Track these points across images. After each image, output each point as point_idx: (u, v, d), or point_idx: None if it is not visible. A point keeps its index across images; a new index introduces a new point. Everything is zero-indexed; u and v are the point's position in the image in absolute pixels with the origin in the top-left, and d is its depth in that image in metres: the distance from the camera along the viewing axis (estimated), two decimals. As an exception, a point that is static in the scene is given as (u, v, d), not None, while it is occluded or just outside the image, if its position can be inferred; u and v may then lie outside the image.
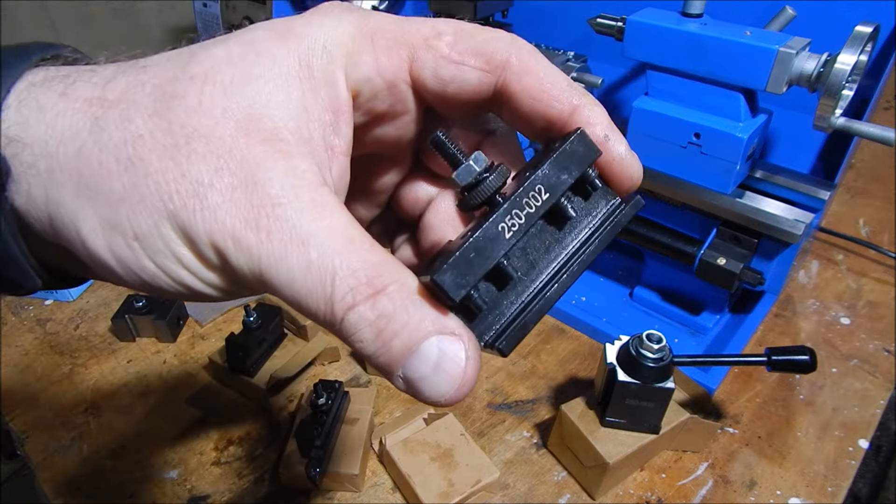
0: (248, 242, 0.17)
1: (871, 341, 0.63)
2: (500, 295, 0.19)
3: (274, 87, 0.18)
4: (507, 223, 0.18)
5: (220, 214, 0.17)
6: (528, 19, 0.77)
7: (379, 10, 0.78)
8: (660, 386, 0.45)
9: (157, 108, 0.17)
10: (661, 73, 0.54)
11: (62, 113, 0.17)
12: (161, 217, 0.17)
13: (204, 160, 0.17)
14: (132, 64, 0.18)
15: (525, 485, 0.50)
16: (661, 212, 0.61)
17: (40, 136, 0.17)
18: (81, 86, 0.18)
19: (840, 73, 0.45)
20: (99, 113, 0.17)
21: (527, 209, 0.19)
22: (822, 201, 0.54)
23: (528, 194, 0.19)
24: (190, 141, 0.17)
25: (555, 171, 0.19)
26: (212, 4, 0.88)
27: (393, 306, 0.16)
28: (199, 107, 0.17)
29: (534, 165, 0.19)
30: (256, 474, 0.51)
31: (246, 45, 0.18)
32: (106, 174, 0.17)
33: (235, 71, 0.18)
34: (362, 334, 0.17)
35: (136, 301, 0.63)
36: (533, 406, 0.57)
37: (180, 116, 0.17)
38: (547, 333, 0.65)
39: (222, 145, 0.17)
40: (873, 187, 0.87)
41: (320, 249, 0.16)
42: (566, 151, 0.19)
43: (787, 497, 0.49)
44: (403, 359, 0.17)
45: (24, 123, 0.17)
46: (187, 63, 0.18)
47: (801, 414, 0.56)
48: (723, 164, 0.53)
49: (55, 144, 0.17)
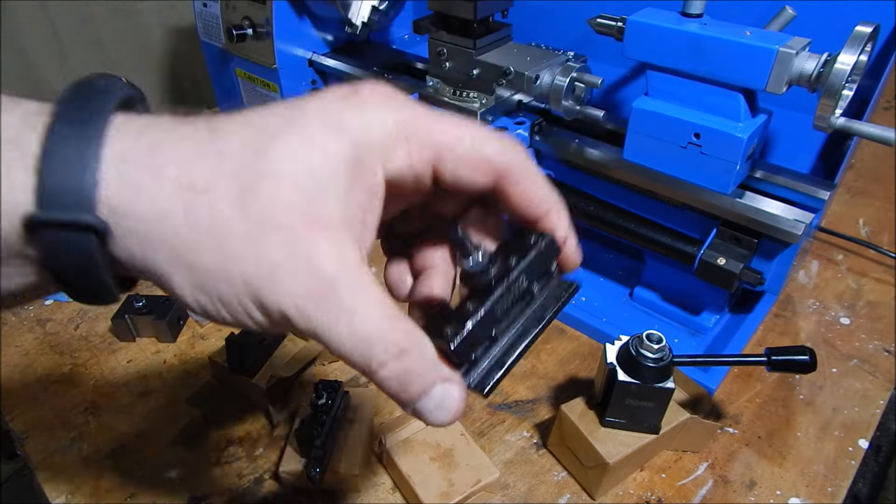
0: (309, 312, 0.21)
1: (871, 341, 0.63)
2: (483, 350, 0.26)
3: (328, 181, 0.22)
4: (499, 306, 0.25)
5: (288, 291, 0.21)
6: (528, 19, 0.77)
7: (379, 10, 0.78)
8: (660, 386, 0.45)
9: (240, 199, 0.21)
10: (661, 73, 0.54)
11: (157, 196, 0.21)
12: (241, 290, 0.22)
13: (276, 249, 0.21)
14: (208, 142, 0.22)
15: (525, 485, 0.50)
16: (661, 212, 0.61)
17: (139, 213, 0.21)
18: (169, 168, 0.21)
19: (840, 73, 0.45)
20: (190, 199, 0.21)
21: (512, 294, 0.26)
22: (822, 201, 0.54)
23: (515, 283, 0.26)
24: (266, 232, 0.21)
25: (531, 267, 0.26)
26: (212, 4, 0.88)
27: (413, 364, 0.23)
28: (272, 203, 0.21)
29: (514, 251, 0.26)
30: (256, 474, 0.51)
31: (306, 140, 0.22)
32: (197, 253, 0.21)
33: (297, 166, 0.22)
34: (389, 382, 0.23)
35: (136, 301, 0.63)
36: (533, 406, 0.57)
37: (258, 209, 0.21)
38: (547, 333, 0.65)
39: (290, 235, 0.21)
40: (873, 187, 0.87)
41: (363, 319, 0.22)
42: (540, 254, 0.26)
43: (787, 497, 0.49)
44: (417, 399, 0.23)
45: (123, 199, 0.21)
46: (257, 159, 0.22)
47: (801, 414, 0.56)
48: (723, 164, 0.53)
49: (153, 222, 0.21)
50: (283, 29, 0.82)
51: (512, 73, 0.62)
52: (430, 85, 0.69)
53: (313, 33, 0.87)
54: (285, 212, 0.21)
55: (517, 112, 0.67)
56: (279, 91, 0.86)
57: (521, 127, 0.65)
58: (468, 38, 0.63)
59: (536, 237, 0.26)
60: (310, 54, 0.87)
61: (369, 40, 0.92)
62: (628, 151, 0.59)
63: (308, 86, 0.89)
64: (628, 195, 0.63)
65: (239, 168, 0.21)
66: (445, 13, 0.64)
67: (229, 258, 0.21)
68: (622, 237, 0.62)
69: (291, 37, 0.84)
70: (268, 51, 0.83)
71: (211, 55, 0.95)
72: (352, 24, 0.79)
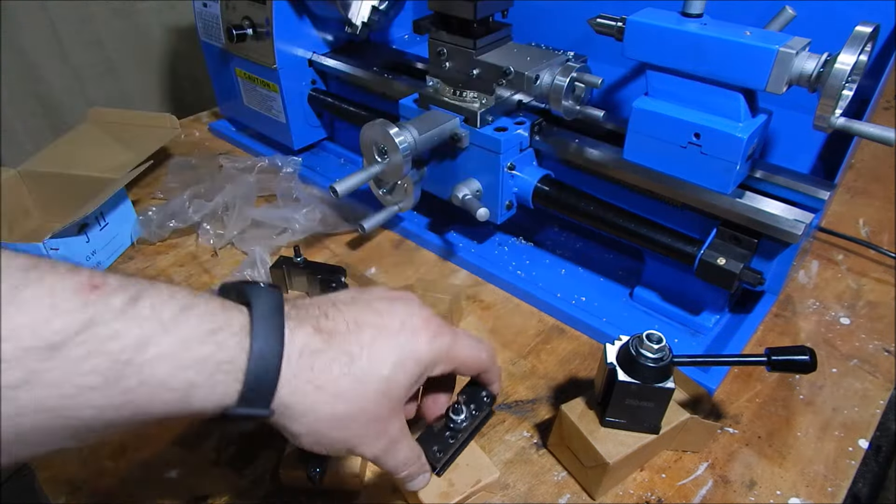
0: (379, 456, 0.37)
1: (871, 341, 0.63)
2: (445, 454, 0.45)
3: (404, 387, 0.36)
4: (461, 435, 0.45)
5: (373, 448, 0.36)
6: (528, 19, 0.77)
7: (379, 10, 0.78)
8: (660, 386, 0.45)
9: (355, 396, 0.34)
10: (661, 73, 0.54)
11: (312, 399, 0.33)
12: (343, 446, 0.36)
13: (372, 428, 0.36)
14: (346, 364, 0.34)
15: (525, 485, 0.50)
16: (661, 212, 0.61)
17: (297, 408, 0.33)
18: (321, 382, 0.33)
19: (840, 73, 0.45)
20: (330, 401, 0.33)
21: (471, 430, 0.47)
22: (822, 201, 0.54)
23: (473, 424, 0.46)
24: (368, 421, 0.35)
25: (482, 418, 0.47)
26: (212, 4, 0.88)
27: (416, 470, 0.40)
28: (376, 401, 0.35)
29: (471, 397, 0.47)
30: (256, 474, 0.51)
31: (399, 364, 0.36)
32: (325, 431, 0.34)
33: (392, 378, 0.35)
34: (403, 479, 0.40)
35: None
36: (533, 406, 0.57)
37: (364, 404, 0.35)
38: (547, 333, 0.65)
39: (375, 415, 0.35)
40: (873, 187, 0.87)
41: (405, 457, 0.39)
42: (489, 413, 0.48)
43: (787, 497, 0.49)
44: (410, 481, 0.41)
45: (290, 400, 0.32)
46: (370, 369, 0.35)
47: (801, 414, 0.56)
48: (723, 164, 0.53)
49: (304, 413, 0.33)
50: (283, 29, 0.82)
51: (512, 73, 0.62)
52: (430, 85, 0.69)
53: (313, 33, 0.87)
54: (378, 405, 0.35)
55: (517, 112, 0.67)
56: (279, 91, 0.86)
57: (521, 127, 0.65)
58: (468, 38, 0.63)
59: (487, 395, 0.46)
60: (310, 54, 0.87)
61: (369, 40, 0.92)
62: (628, 151, 0.59)
63: (308, 86, 0.89)
64: (628, 195, 0.63)
65: (358, 379, 0.34)
66: (445, 13, 0.63)
67: (344, 435, 0.35)
68: (622, 237, 0.62)
69: (291, 37, 0.84)
70: (268, 51, 0.83)
71: (211, 55, 0.95)
72: (352, 24, 0.79)
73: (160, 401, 0.28)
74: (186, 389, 0.29)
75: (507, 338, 0.64)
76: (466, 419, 0.42)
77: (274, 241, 0.75)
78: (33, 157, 0.83)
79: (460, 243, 0.77)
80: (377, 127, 0.61)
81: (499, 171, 0.64)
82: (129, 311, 0.28)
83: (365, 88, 0.84)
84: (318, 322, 0.34)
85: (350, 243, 0.78)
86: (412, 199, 0.71)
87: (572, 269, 0.73)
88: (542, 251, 0.76)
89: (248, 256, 0.71)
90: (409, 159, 0.62)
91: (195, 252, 0.77)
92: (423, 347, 0.36)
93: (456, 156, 0.67)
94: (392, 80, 0.79)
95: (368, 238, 0.79)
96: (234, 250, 0.77)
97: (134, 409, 0.28)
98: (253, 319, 0.31)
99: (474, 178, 0.66)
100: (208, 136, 1.05)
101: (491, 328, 0.65)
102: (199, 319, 0.30)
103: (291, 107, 0.88)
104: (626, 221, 0.61)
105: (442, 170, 0.70)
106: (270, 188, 0.83)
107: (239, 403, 0.30)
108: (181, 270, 0.75)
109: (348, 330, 0.34)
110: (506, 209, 0.68)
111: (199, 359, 0.29)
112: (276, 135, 0.94)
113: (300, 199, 0.79)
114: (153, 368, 0.28)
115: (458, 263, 0.74)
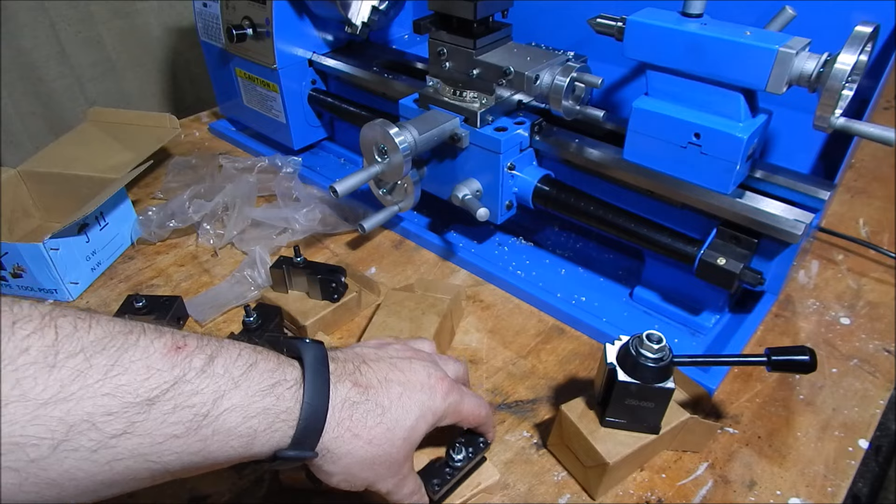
0: (392, 490, 0.41)
1: (871, 341, 0.63)
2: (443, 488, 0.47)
3: (420, 434, 0.41)
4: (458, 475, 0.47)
5: (388, 484, 0.41)
6: (528, 19, 0.78)
7: (379, 10, 0.78)
8: (660, 386, 0.45)
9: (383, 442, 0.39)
10: (661, 73, 0.54)
11: (350, 445, 0.38)
12: (364, 483, 0.40)
13: (391, 469, 0.40)
14: (378, 415, 0.39)
15: (525, 485, 0.50)
16: (661, 212, 0.61)
17: (336, 451, 0.38)
18: (358, 430, 0.38)
19: (840, 73, 0.45)
20: (365, 447, 0.38)
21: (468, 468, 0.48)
22: (822, 201, 0.54)
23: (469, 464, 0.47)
24: (391, 463, 0.40)
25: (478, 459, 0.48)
26: (212, 4, 0.88)
27: (416, 500, 0.43)
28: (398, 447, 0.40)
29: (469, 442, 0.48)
30: (256, 474, 0.51)
31: (420, 418, 0.41)
32: (354, 469, 0.39)
33: (413, 429, 0.41)
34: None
35: (136, 301, 0.63)
36: (533, 406, 0.57)
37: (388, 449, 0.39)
38: (547, 333, 0.65)
39: (397, 458, 0.40)
40: (873, 187, 0.87)
41: (410, 489, 0.42)
42: (483, 458, 0.49)
43: (787, 497, 0.49)
44: None
45: (332, 445, 0.37)
46: (397, 422, 0.40)
47: (801, 414, 0.56)
48: (723, 164, 0.53)
49: (341, 456, 0.38)
50: (283, 29, 0.82)
51: (512, 73, 0.62)
52: (430, 85, 0.69)
53: (313, 33, 0.87)
54: (400, 450, 0.40)
55: (517, 112, 0.67)
56: (279, 91, 0.86)
57: (521, 127, 0.65)
58: (468, 38, 0.63)
59: (483, 441, 0.48)
60: (310, 54, 0.87)
61: (369, 40, 0.92)
62: (628, 151, 0.59)
63: (308, 86, 0.89)
64: (628, 195, 0.63)
65: (389, 428, 0.39)
66: (445, 13, 0.64)
67: (370, 475, 0.39)
68: (622, 237, 0.62)
69: (291, 37, 0.84)
70: (268, 51, 0.83)
71: (211, 55, 0.95)
72: (352, 24, 0.79)
73: (228, 446, 0.33)
74: (251, 436, 0.34)
75: (507, 338, 0.64)
76: (464, 459, 0.46)
77: (274, 241, 0.75)
78: (33, 157, 0.83)
79: (460, 243, 0.77)
80: (377, 127, 0.61)
81: (499, 171, 0.64)
82: (208, 370, 0.33)
83: (365, 88, 0.84)
84: (355, 377, 0.40)
85: (350, 243, 0.78)
86: (412, 199, 0.71)
87: (572, 269, 0.73)
88: (542, 251, 0.76)
89: (248, 256, 0.71)
90: (409, 159, 0.62)
91: (195, 252, 0.77)
92: (439, 403, 0.42)
93: (456, 156, 0.67)
94: (392, 80, 0.79)
95: (368, 238, 0.79)
96: (233, 250, 0.77)
97: (206, 454, 0.33)
98: (304, 374, 0.37)
99: (474, 178, 0.66)
100: (208, 136, 1.05)
101: (491, 328, 0.65)
102: (262, 375, 0.35)
103: (291, 107, 0.88)
104: (626, 221, 0.61)
105: (442, 170, 0.70)
106: (270, 188, 0.83)
107: (290, 447, 0.36)
108: (181, 270, 0.74)
109: (380, 385, 0.40)
110: (506, 209, 0.68)
111: (262, 409, 0.34)
112: (275, 135, 0.94)
113: (300, 199, 0.79)
114: (226, 419, 0.33)
115: (458, 263, 0.74)
